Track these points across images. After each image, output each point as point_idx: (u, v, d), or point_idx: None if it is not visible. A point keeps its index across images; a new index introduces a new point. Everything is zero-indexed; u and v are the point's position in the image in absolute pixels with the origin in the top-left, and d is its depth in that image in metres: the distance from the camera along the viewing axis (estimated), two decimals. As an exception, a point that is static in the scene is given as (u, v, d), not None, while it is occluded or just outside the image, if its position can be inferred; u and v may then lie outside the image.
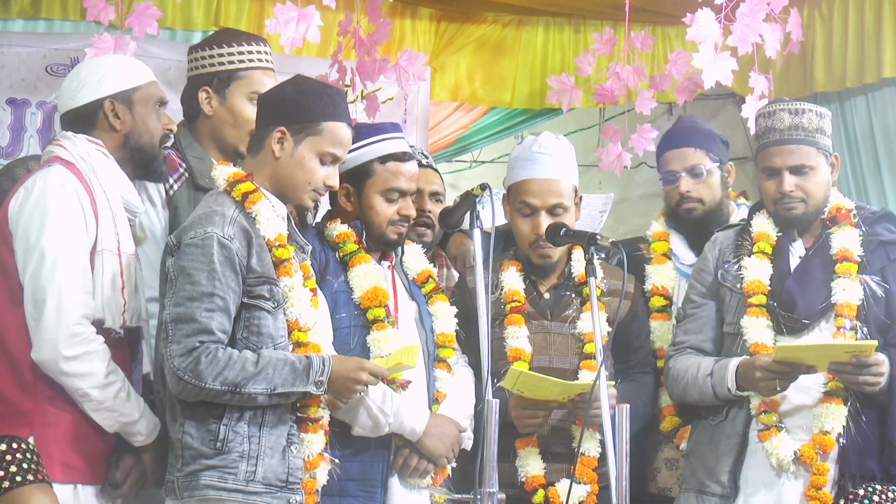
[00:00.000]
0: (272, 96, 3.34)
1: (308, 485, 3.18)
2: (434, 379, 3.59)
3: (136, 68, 3.46)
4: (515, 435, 3.64)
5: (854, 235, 3.68)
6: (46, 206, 3.16)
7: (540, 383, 3.47)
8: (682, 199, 4.05)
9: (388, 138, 3.60)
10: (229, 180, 3.24)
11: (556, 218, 3.67)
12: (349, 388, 3.15)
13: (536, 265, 3.75)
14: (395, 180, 3.55)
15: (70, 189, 3.20)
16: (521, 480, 3.63)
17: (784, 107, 3.69)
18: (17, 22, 5.07)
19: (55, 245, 3.13)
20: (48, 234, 3.13)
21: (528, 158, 3.73)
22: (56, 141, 3.35)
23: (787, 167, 3.65)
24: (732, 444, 3.63)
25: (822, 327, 3.62)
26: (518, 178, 3.74)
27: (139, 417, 3.22)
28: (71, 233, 3.16)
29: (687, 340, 3.78)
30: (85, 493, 3.18)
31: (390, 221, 3.56)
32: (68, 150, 3.28)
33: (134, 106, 3.37)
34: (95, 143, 3.32)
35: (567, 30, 5.77)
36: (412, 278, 3.70)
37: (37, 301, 3.11)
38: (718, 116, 6.76)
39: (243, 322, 3.13)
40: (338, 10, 4.88)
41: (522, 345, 3.67)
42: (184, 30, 5.23)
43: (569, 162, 3.75)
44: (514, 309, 3.72)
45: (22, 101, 5.03)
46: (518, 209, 3.73)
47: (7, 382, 3.15)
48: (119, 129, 3.35)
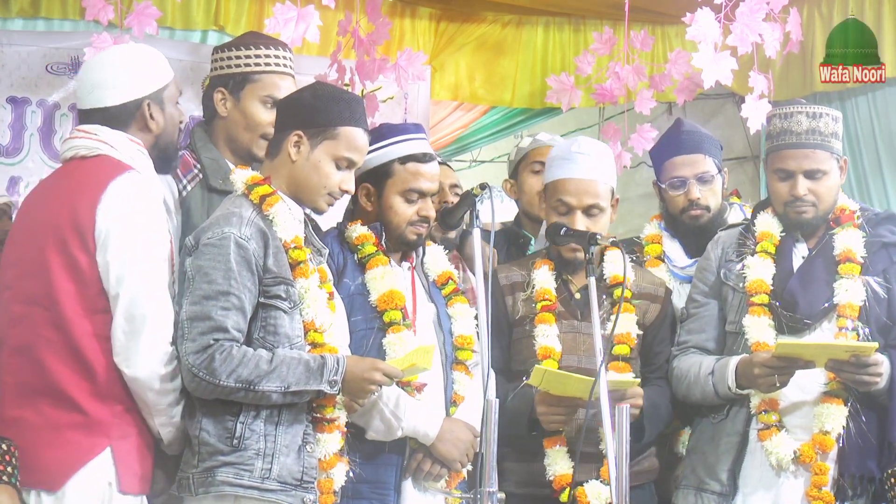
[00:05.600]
0: (290, 101, 3.35)
1: (324, 485, 3.19)
2: (452, 382, 3.58)
3: (164, 65, 3.37)
4: (543, 434, 3.63)
5: (857, 237, 3.67)
6: (143, 221, 3.10)
7: (565, 381, 3.47)
8: (691, 206, 4.02)
9: (410, 139, 3.60)
10: (247, 183, 3.25)
11: (591, 218, 3.67)
12: (363, 388, 3.16)
13: (568, 261, 3.73)
14: (414, 181, 3.55)
15: (156, 201, 3.17)
16: (549, 479, 3.60)
17: (802, 109, 3.67)
18: (17, 21, 5.08)
19: (154, 261, 3.09)
20: (145, 249, 3.09)
21: (567, 158, 3.72)
22: (94, 136, 3.22)
23: (802, 171, 3.64)
24: (732, 443, 3.63)
25: (824, 327, 3.61)
26: (556, 177, 3.73)
27: None
28: (163, 249, 3.14)
29: (690, 340, 3.78)
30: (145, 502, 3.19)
31: (410, 222, 3.56)
32: (118, 150, 3.20)
33: (164, 105, 3.32)
34: (136, 142, 3.25)
35: (567, 29, 5.78)
36: (432, 280, 3.70)
37: (134, 316, 3.05)
38: (718, 116, 6.78)
39: (260, 322, 3.14)
40: (337, 10, 4.88)
41: (552, 343, 3.66)
42: (183, 29, 5.24)
43: (606, 163, 3.76)
44: (545, 308, 3.70)
45: (22, 99, 5.04)
46: (554, 207, 3.72)
47: (84, 392, 3.06)
48: (153, 129, 3.29)
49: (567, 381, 3.46)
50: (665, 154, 4.11)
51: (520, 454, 3.64)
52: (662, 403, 3.72)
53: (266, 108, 3.63)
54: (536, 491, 3.61)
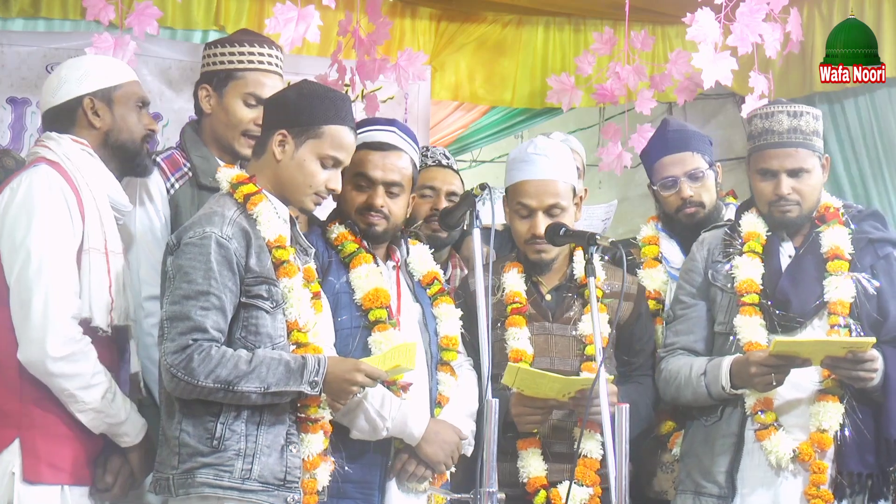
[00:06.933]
0: (275, 100, 3.36)
1: (308, 485, 3.18)
2: (437, 382, 3.57)
3: (118, 67, 3.47)
4: (517, 434, 3.63)
5: (843, 233, 3.69)
6: (32, 206, 3.15)
7: (539, 379, 3.47)
8: (685, 204, 4.02)
9: (370, 130, 3.58)
10: (232, 182, 3.26)
11: (553, 218, 3.67)
12: (345, 389, 3.14)
13: (534, 263, 3.74)
14: (360, 166, 3.50)
15: (56, 188, 3.19)
16: (522, 481, 3.61)
17: (782, 109, 3.69)
18: (18, 21, 5.09)
19: (41, 245, 3.12)
20: (34, 234, 3.12)
21: (524, 160, 3.72)
22: (40, 142, 3.33)
23: (785, 170, 3.65)
24: (728, 444, 3.63)
25: (816, 325, 3.62)
26: (515, 180, 3.74)
27: (126, 419, 3.21)
28: (57, 232, 3.16)
29: (678, 342, 3.77)
30: (73, 494, 3.16)
31: (357, 210, 3.54)
32: (53, 151, 3.27)
33: (114, 104, 3.37)
34: (80, 142, 3.31)
35: (567, 29, 5.78)
36: (417, 280, 3.69)
37: (23, 301, 3.09)
38: (718, 116, 6.78)
39: (242, 322, 3.13)
40: (337, 10, 4.88)
41: (524, 346, 3.66)
42: (184, 29, 5.24)
43: (565, 162, 3.75)
44: (516, 310, 3.71)
45: (22, 99, 5.04)
46: (516, 210, 3.73)
47: None
48: (98, 126, 3.35)
49: (541, 380, 3.46)
50: (654, 155, 4.12)
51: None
52: (641, 402, 3.70)
53: (248, 106, 3.65)
54: (509, 492, 3.54)
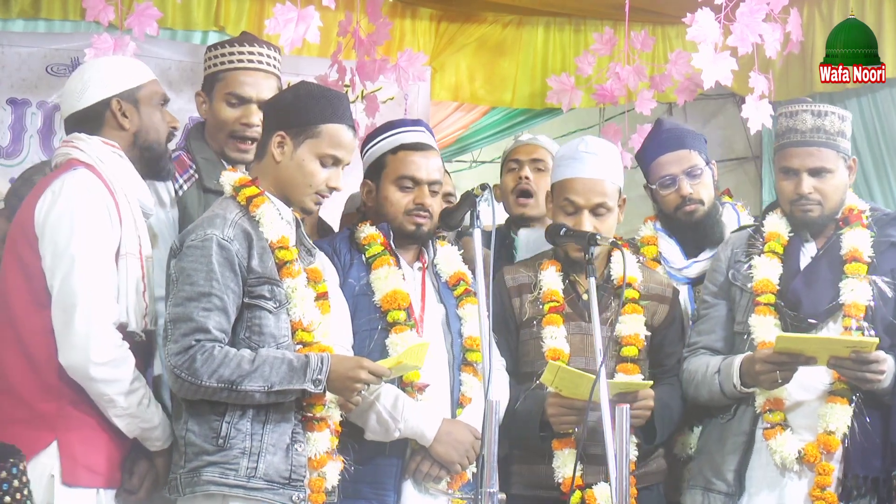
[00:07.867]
0: (273, 102, 3.38)
1: (316, 483, 3.19)
2: (459, 383, 3.57)
3: (139, 67, 3.46)
4: (552, 434, 3.62)
5: (865, 236, 3.66)
6: (74, 210, 3.14)
7: (578, 380, 3.45)
8: (685, 202, 4.01)
9: (404, 131, 3.62)
10: (235, 185, 3.27)
11: (598, 217, 3.67)
12: (348, 386, 3.15)
13: (574, 261, 3.71)
14: (405, 168, 3.56)
15: (96, 192, 3.18)
16: (557, 481, 3.59)
17: (807, 108, 3.67)
18: (18, 22, 5.09)
19: (85, 251, 3.11)
20: (77, 238, 3.11)
21: (574, 157, 3.72)
22: (69, 143, 3.31)
23: (807, 169, 3.64)
24: (739, 443, 3.63)
25: (830, 327, 3.61)
26: (563, 177, 3.73)
27: (158, 423, 3.22)
28: (100, 238, 3.16)
29: (700, 341, 3.78)
30: (106, 497, 3.18)
31: (405, 211, 3.56)
32: (86, 153, 3.26)
33: (140, 104, 3.36)
34: (111, 144, 3.30)
35: (567, 30, 5.78)
36: (444, 280, 3.69)
37: (66, 306, 3.09)
38: (718, 117, 6.77)
39: (245, 322, 3.15)
40: (337, 11, 4.89)
41: (560, 345, 3.65)
42: (184, 30, 5.24)
43: (613, 163, 3.75)
44: (553, 309, 3.70)
45: (22, 100, 5.04)
46: (561, 206, 3.72)
47: (29, 387, 3.12)
48: (127, 128, 3.34)
49: (580, 381, 3.45)
50: (651, 155, 4.10)
51: (526, 456, 3.64)
52: (674, 404, 3.71)
53: (230, 106, 3.67)
54: (543, 493, 3.60)
